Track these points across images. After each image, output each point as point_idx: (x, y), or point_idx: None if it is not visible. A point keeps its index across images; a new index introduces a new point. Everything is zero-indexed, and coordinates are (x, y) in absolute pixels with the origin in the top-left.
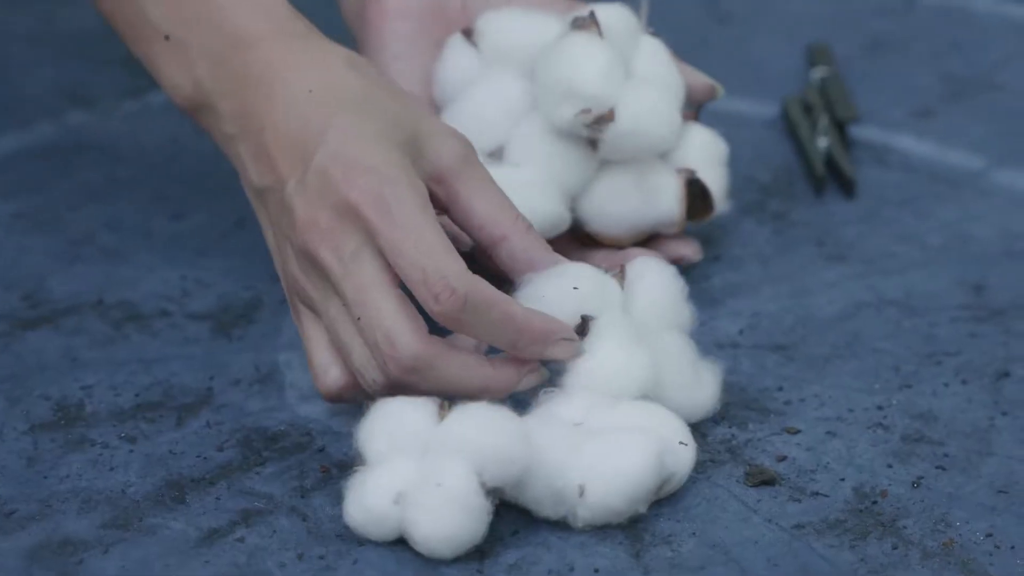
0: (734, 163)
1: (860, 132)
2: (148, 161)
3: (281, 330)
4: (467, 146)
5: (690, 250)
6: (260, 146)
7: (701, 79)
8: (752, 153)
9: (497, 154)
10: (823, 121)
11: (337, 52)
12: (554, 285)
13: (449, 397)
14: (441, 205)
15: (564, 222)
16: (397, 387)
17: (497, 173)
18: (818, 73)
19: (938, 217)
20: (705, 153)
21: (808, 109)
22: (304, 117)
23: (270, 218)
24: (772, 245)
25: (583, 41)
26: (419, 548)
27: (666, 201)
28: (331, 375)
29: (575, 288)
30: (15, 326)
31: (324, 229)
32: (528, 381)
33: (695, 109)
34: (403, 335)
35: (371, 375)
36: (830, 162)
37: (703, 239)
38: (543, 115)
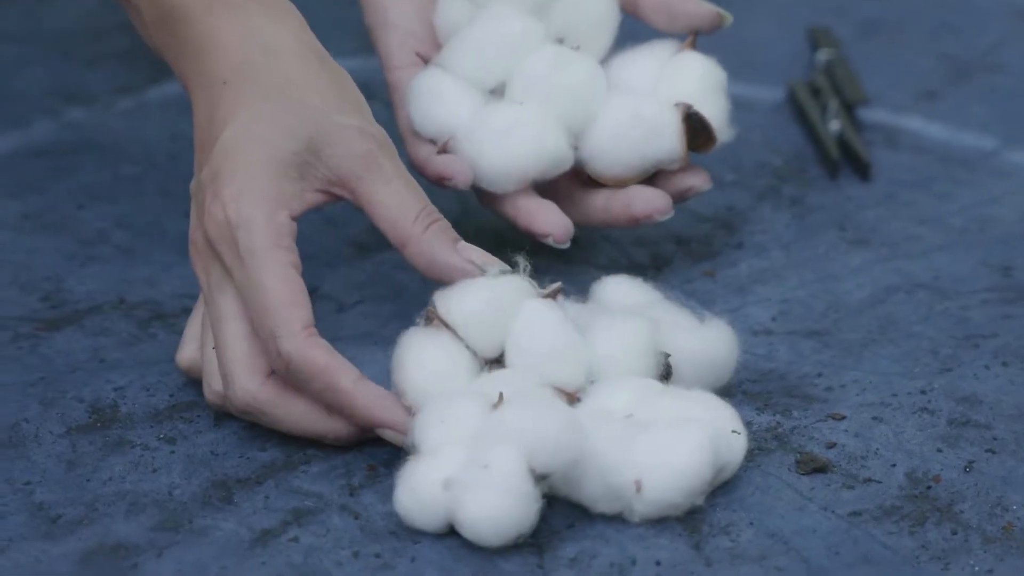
0: (744, 149)
1: (868, 115)
2: (151, 159)
3: None
4: (371, 143)
5: (699, 180)
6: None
7: (707, 7)
8: (761, 138)
9: (499, 91)
10: (834, 104)
11: (264, 30)
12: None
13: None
14: (354, 204)
15: (568, 160)
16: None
17: (499, 110)
18: (823, 56)
19: (957, 199)
20: (703, 83)
21: (816, 92)
22: (211, 111)
23: None
24: (792, 231)
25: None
26: (466, 533)
27: (666, 137)
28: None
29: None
30: (39, 328)
31: (199, 249)
32: (384, 433)
33: (692, 37)
34: (240, 377)
35: (212, 390)
36: (843, 145)
37: (722, 226)
38: None
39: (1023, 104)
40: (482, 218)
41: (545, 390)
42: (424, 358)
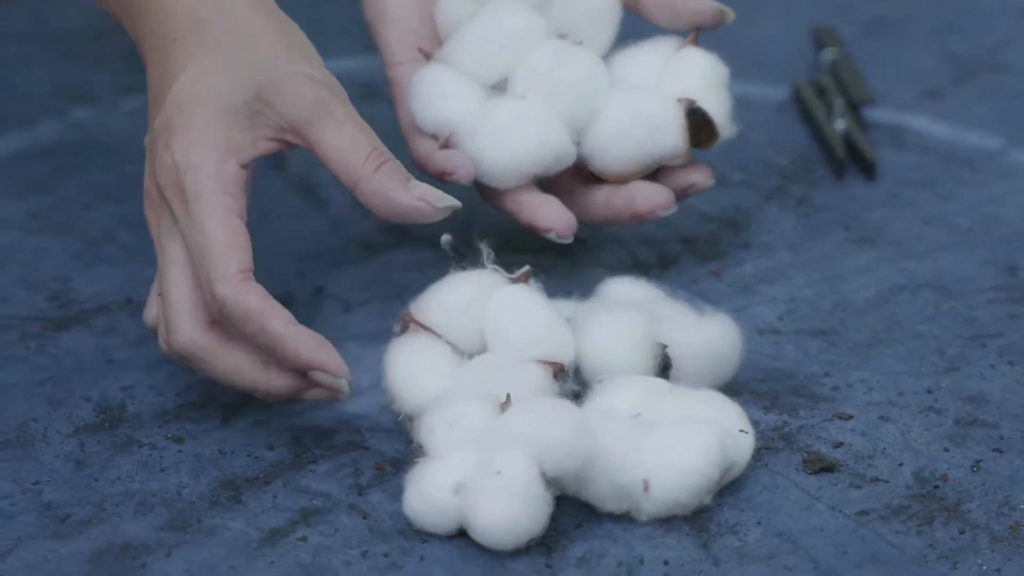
0: (749, 149)
1: (872, 114)
2: None
3: (317, 327)
4: (321, 90)
5: (701, 176)
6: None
7: (708, 4)
8: (766, 138)
9: (501, 87)
10: (839, 103)
11: None
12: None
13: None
14: (306, 149)
15: (570, 155)
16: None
17: (501, 106)
18: (828, 55)
19: (961, 198)
20: (705, 79)
21: (821, 92)
22: (163, 68)
23: None
24: (799, 230)
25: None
26: (479, 538)
27: (669, 133)
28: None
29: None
30: (46, 328)
31: (152, 199)
32: (313, 393)
33: (694, 33)
34: (180, 322)
35: (163, 338)
36: (848, 145)
37: (728, 226)
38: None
39: None
40: (491, 216)
41: (530, 366)
42: (410, 364)
